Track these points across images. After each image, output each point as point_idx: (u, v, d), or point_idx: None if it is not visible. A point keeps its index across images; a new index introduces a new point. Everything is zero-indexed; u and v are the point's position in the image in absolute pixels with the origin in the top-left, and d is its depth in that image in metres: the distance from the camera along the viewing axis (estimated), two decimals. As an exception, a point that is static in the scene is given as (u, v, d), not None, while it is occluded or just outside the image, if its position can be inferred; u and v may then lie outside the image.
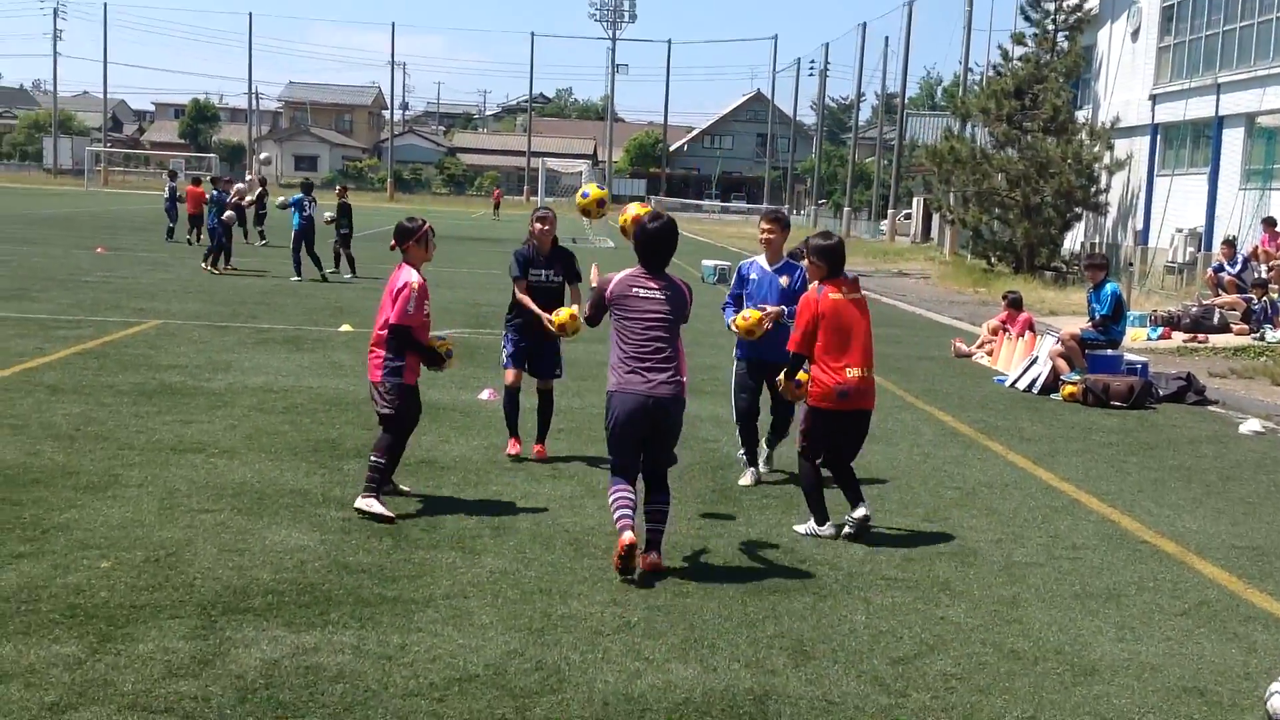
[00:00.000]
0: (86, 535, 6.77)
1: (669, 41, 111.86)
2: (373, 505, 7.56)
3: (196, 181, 35.70)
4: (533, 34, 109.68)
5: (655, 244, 6.86)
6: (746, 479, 9.01)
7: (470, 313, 19.33)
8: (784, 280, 8.92)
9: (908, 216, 66.58)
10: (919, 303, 26.20)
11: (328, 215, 24.91)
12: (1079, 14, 34.97)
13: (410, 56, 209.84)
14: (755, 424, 9.10)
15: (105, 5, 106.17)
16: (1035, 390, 13.72)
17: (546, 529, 7.41)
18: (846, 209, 70.59)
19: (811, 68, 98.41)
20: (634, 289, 6.82)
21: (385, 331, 7.70)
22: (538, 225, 9.38)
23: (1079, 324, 17.96)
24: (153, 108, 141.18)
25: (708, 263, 30.18)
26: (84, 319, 15.93)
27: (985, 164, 33.03)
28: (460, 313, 19.18)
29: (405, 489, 8.17)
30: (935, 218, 53.56)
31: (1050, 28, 34.96)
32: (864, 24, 72.44)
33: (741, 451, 9.19)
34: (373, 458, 7.73)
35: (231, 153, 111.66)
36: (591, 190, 8.48)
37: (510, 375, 9.43)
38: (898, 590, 6.55)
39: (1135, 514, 8.47)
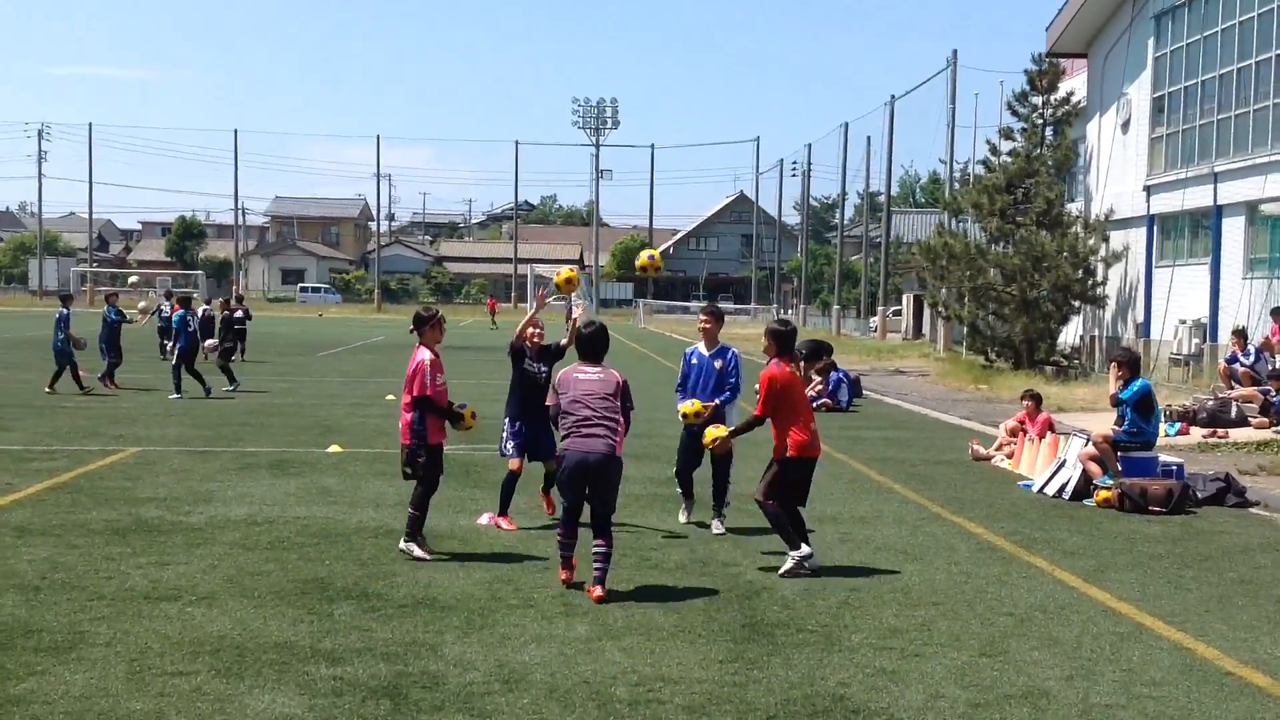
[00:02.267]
0: (44, 710, 5.95)
1: (652, 146, 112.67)
2: (413, 549, 9.45)
3: (186, 300, 35.36)
4: (517, 143, 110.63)
5: (589, 343, 8.91)
6: (682, 517, 11.25)
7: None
8: (718, 363, 11.01)
9: (897, 313, 66.32)
10: (922, 402, 25.52)
11: (210, 342, 24.04)
12: (1067, 107, 34.91)
13: (396, 168, 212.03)
14: (691, 476, 11.22)
15: (90, 126, 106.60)
16: (1066, 496, 12.97)
17: (563, 680, 6.61)
18: (836, 307, 70.32)
19: (794, 168, 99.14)
20: (574, 375, 8.77)
21: (408, 402, 9.47)
22: (530, 329, 11.04)
23: (1097, 422, 17.29)
24: (139, 226, 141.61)
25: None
26: (59, 449, 15.15)
27: (980, 259, 32.62)
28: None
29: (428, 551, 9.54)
30: (926, 314, 53.21)
31: (1038, 122, 34.86)
32: (846, 124, 72.79)
33: (679, 490, 11.36)
34: (411, 510, 9.53)
35: (218, 269, 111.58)
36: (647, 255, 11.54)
37: (515, 464, 10.81)
38: (970, 747, 5.75)
39: (1209, 639, 7.68)
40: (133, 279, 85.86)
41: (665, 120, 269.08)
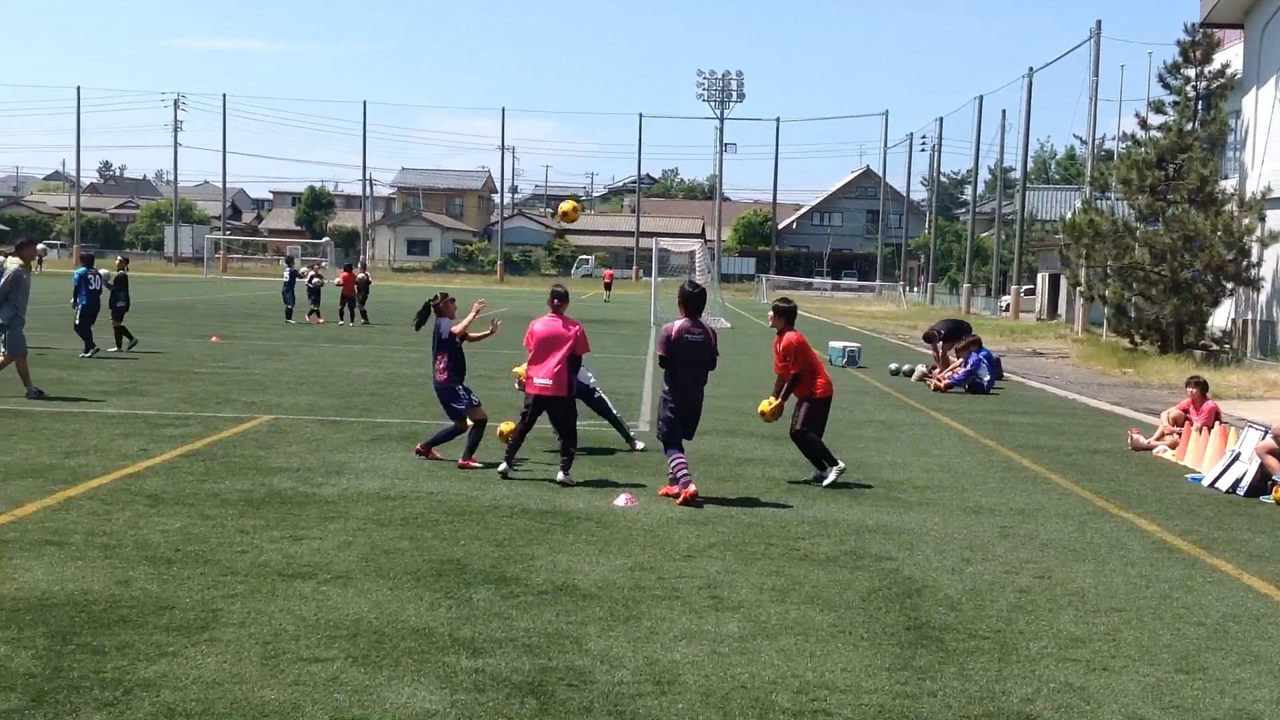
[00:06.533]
0: (176, 697, 5.64)
1: (777, 120, 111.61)
2: (573, 479, 11.29)
3: (348, 268, 37.13)
4: (640, 115, 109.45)
5: (692, 301, 10.99)
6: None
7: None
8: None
9: (1030, 292, 64.49)
10: (1066, 386, 24.47)
11: (104, 284, 23.24)
12: (1221, 80, 33.23)
13: (519, 140, 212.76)
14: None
15: (224, 96, 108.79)
16: (1240, 492, 12.08)
17: (718, 684, 6.11)
18: (965, 285, 68.61)
19: (923, 143, 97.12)
20: (684, 338, 10.82)
21: (564, 362, 11.27)
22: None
23: (1254, 410, 16.23)
24: (270, 196, 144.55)
25: (835, 344, 28.78)
26: (193, 415, 15.11)
27: (1128, 237, 31.23)
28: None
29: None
30: (1062, 293, 51.55)
31: (1191, 95, 33.24)
32: (980, 97, 70.92)
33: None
34: (574, 449, 11.39)
35: (346, 239, 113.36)
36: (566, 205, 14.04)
37: (483, 413, 12.60)
38: (1183, 781, 5.11)
39: None
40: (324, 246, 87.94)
41: (791, 93, 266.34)
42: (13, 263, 16.43)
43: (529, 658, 6.39)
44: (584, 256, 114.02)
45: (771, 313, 12.08)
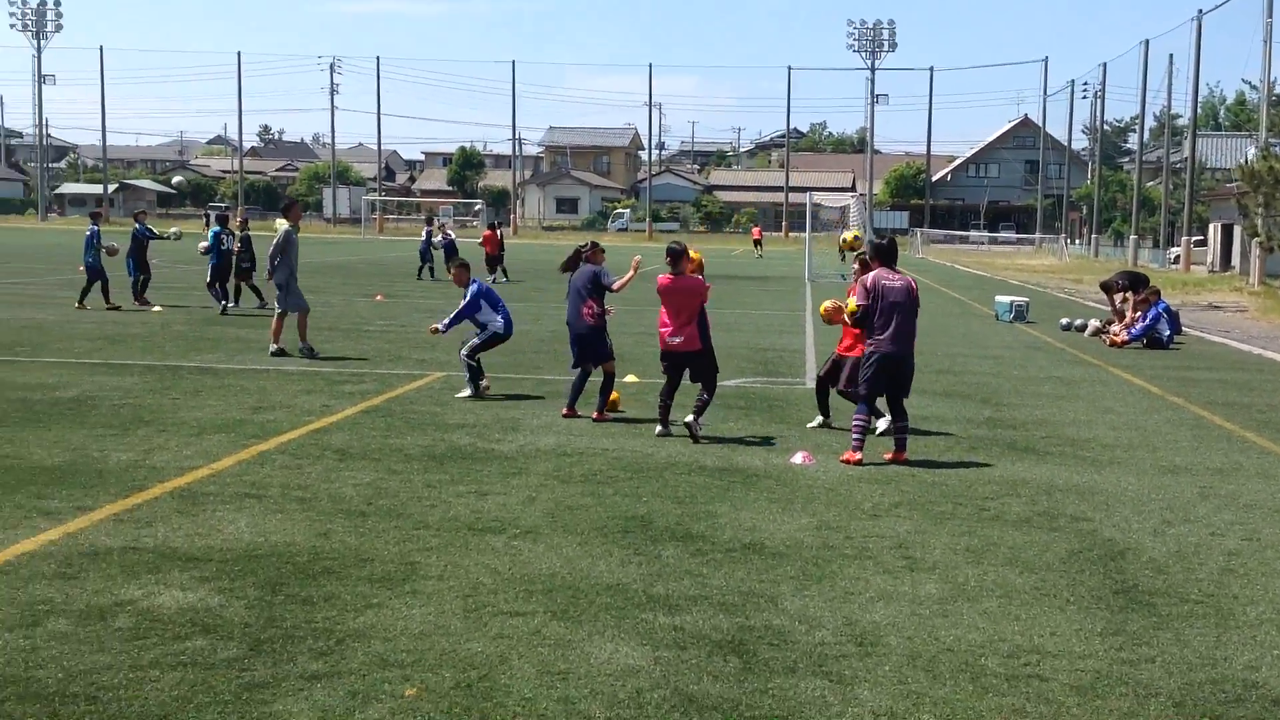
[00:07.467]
0: (386, 648, 5.73)
1: (930, 69, 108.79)
2: (700, 425, 11.20)
3: (491, 226, 37.77)
4: (789, 68, 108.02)
5: (887, 252, 10.80)
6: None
7: (756, 359, 18.06)
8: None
9: (1200, 243, 61.99)
10: (1249, 340, 23.43)
11: (236, 245, 23.96)
12: None
13: (665, 96, 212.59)
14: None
15: (378, 59, 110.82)
16: None
17: (922, 645, 5.97)
18: (1133, 237, 66.27)
19: (1084, 90, 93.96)
20: (883, 282, 10.45)
21: (693, 317, 11.27)
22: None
23: None
24: (422, 157, 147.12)
25: (1002, 299, 28.03)
26: (367, 372, 15.44)
27: (1313, 184, 29.72)
28: (745, 359, 17.94)
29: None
30: (1236, 244, 49.44)
31: (1382, 31, 31.35)
32: (1146, 41, 68.04)
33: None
34: (704, 396, 11.31)
35: (496, 198, 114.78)
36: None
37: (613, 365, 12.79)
38: None
39: None
40: (477, 207, 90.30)
41: (945, 41, 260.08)
42: (282, 224, 17.16)
43: (726, 616, 6.34)
44: (619, 210, 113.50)
45: (859, 261, 11.97)
